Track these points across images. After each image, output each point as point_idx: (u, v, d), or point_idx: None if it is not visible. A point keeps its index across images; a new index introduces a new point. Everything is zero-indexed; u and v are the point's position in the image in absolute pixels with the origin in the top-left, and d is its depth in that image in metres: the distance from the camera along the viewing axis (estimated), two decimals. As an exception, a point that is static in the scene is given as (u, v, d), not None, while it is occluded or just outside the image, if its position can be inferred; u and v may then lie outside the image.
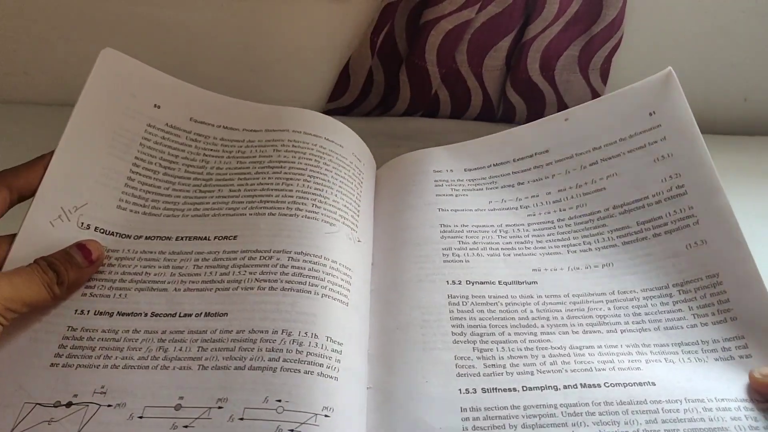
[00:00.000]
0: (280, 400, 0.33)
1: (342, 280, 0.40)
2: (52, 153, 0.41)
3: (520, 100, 0.70)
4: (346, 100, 0.71)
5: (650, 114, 0.45)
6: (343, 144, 0.49)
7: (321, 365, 0.36)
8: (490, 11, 0.65)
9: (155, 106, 0.46)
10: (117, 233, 0.41)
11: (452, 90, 0.71)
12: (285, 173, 0.45)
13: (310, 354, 0.36)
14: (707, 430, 0.32)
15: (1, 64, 0.69)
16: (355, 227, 0.44)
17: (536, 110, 0.71)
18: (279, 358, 0.35)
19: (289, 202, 0.43)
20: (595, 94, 0.70)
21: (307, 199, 0.43)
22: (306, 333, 0.36)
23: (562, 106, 0.71)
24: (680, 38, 0.70)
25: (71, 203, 0.40)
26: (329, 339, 0.37)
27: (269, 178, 0.45)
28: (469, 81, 0.70)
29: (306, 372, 0.35)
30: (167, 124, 0.46)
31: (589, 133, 0.46)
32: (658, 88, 0.45)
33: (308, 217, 0.42)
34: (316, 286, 0.39)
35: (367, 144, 0.66)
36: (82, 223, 0.40)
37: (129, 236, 0.41)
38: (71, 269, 0.36)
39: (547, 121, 0.49)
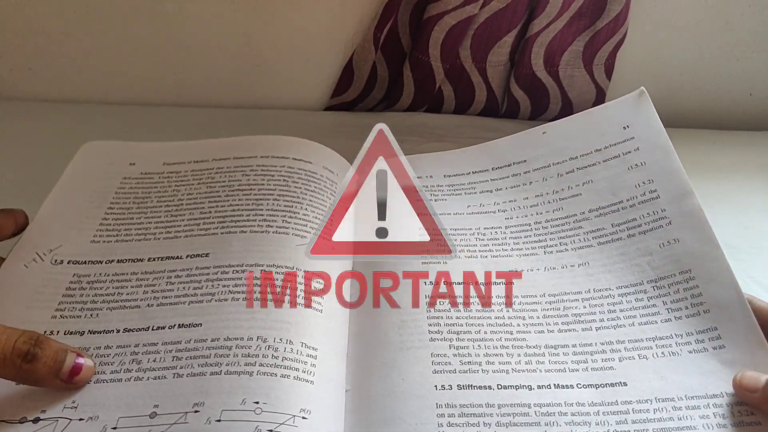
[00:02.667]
0: (257, 402, 0.34)
1: (314, 288, 0.41)
2: (19, 211, 0.43)
3: (524, 96, 0.70)
4: (350, 95, 0.71)
5: (624, 128, 0.47)
6: (311, 160, 0.51)
7: (296, 369, 0.36)
8: (493, 7, 0.65)
9: (131, 164, 0.50)
10: (89, 261, 0.42)
11: (456, 85, 0.71)
12: (255, 195, 0.47)
13: (286, 359, 0.36)
14: (676, 429, 0.33)
15: (5, 59, 0.69)
16: (329, 236, 0.46)
17: (540, 105, 0.71)
18: (255, 362, 0.36)
19: (259, 221, 0.44)
20: (600, 90, 0.70)
21: (278, 216, 0.45)
22: (281, 339, 0.37)
23: (566, 101, 0.71)
24: (685, 33, 0.70)
25: (46, 247, 0.43)
26: (304, 345, 0.38)
27: (239, 200, 0.46)
28: (473, 76, 0.70)
29: (282, 376, 0.35)
30: (142, 173, 0.50)
31: (565, 145, 0.49)
32: (632, 105, 0.48)
33: (279, 233, 0.44)
34: (289, 295, 0.40)
35: (371, 139, 0.67)
36: (55, 260, 0.42)
37: (101, 261, 0.42)
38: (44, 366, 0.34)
39: (525, 134, 0.51)
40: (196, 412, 0.33)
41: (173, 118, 0.70)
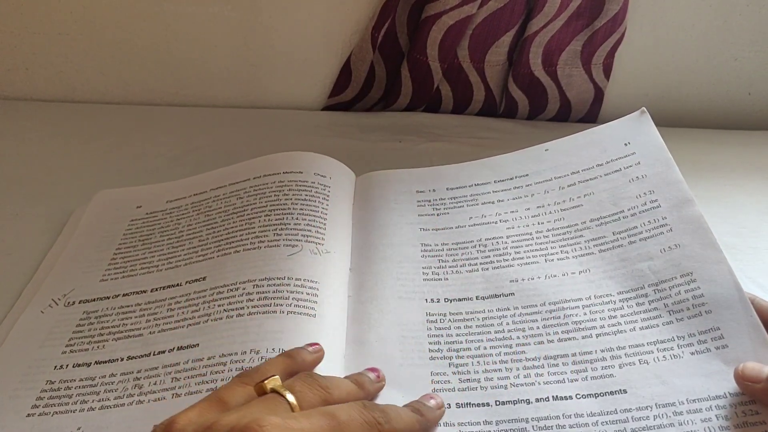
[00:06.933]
0: None
1: (308, 293, 0.42)
2: None
3: (523, 96, 0.70)
4: (348, 95, 0.71)
5: (625, 144, 0.48)
6: (302, 170, 0.52)
7: None
8: (491, 6, 0.65)
9: (137, 207, 0.53)
10: (98, 298, 0.44)
11: (454, 85, 0.71)
12: (248, 215, 0.48)
13: None
14: None
15: (1, 59, 0.69)
16: (321, 241, 0.46)
17: (538, 105, 0.71)
18: None
19: (252, 238, 0.46)
20: (598, 89, 0.70)
21: (269, 231, 0.46)
22: (273, 349, 0.38)
23: (564, 101, 0.71)
24: (683, 32, 0.70)
25: (60, 293, 0.45)
26: None
27: (233, 222, 0.48)
28: (471, 76, 0.70)
29: None
30: (147, 213, 0.52)
31: (567, 160, 0.49)
32: (633, 123, 0.49)
33: (269, 246, 0.45)
34: (281, 305, 0.40)
35: (369, 139, 0.67)
36: (68, 303, 0.44)
37: (108, 297, 0.44)
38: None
39: (527, 150, 0.52)
40: None
41: (170, 118, 0.70)
